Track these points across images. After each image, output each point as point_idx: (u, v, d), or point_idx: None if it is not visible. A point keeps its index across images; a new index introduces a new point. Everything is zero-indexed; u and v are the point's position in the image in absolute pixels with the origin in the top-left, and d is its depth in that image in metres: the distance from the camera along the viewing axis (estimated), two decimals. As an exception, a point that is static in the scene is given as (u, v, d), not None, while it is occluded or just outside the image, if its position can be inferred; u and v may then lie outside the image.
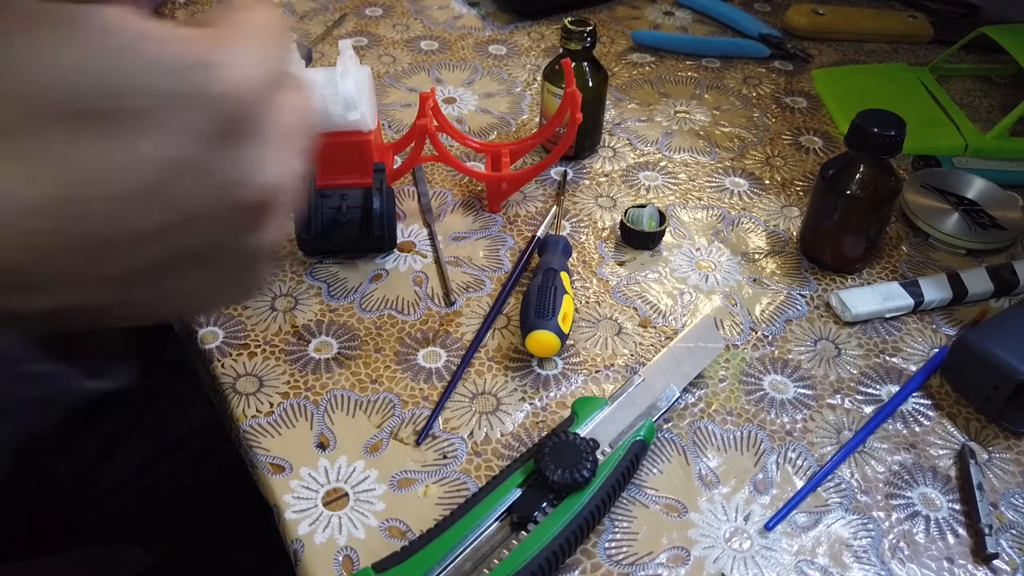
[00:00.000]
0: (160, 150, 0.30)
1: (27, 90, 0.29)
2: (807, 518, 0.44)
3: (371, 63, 0.78)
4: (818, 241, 0.58)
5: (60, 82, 0.29)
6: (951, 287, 0.56)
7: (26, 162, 0.30)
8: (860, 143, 0.53)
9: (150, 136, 0.30)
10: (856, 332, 0.54)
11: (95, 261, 0.32)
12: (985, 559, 0.42)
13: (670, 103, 0.75)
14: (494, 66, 0.79)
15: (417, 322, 0.53)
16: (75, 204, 0.30)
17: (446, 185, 0.64)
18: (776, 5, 0.91)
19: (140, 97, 0.30)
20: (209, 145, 0.31)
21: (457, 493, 0.44)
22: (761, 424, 0.48)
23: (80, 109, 0.30)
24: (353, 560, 0.41)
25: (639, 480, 0.45)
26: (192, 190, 0.31)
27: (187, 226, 0.32)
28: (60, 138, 0.29)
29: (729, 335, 0.54)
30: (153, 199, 0.31)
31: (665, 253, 0.59)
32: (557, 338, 0.49)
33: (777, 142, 0.71)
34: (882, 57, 0.83)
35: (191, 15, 0.83)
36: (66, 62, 0.29)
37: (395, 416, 0.48)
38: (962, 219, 0.60)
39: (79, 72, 0.29)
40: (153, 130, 0.30)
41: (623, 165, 0.67)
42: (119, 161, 0.30)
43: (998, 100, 0.77)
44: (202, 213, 0.32)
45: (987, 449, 0.48)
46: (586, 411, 0.45)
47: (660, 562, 0.42)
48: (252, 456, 0.46)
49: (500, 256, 0.58)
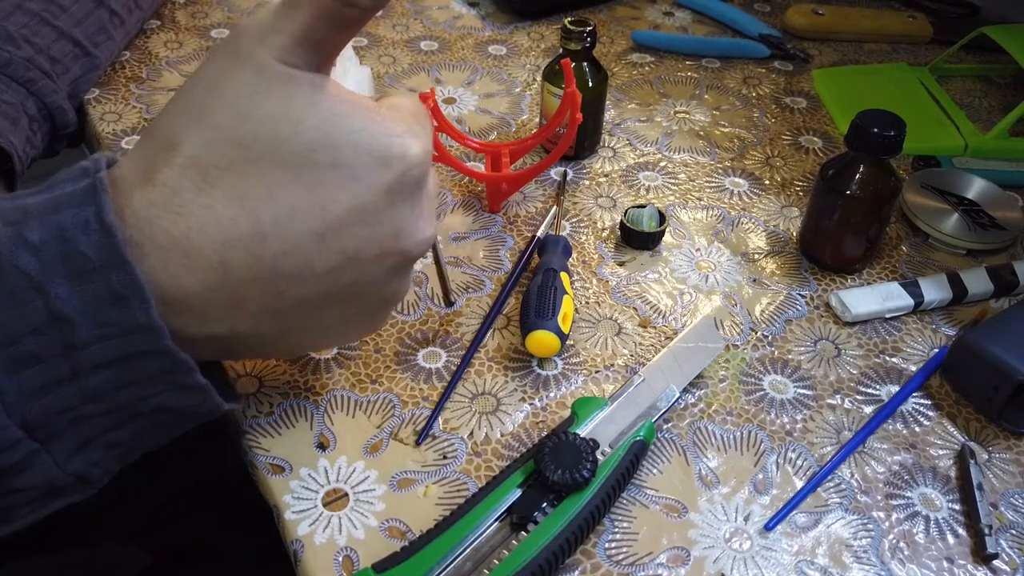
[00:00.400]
0: (348, 199, 0.35)
1: (243, 136, 0.34)
2: (807, 518, 0.44)
3: (371, 63, 0.78)
4: (818, 241, 0.58)
5: (274, 133, 0.34)
6: (951, 287, 0.56)
7: (231, 201, 0.34)
8: (860, 143, 0.53)
9: (343, 186, 0.35)
10: (856, 332, 0.54)
11: (272, 292, 0.36)
12: (985, 559, 0.42)
13: (670, 103, 0.75)
14: (494, 66, 0.79)
15: (417, 322, 0.53)
16: (266, 241, 0.34)
17: (446, 185, 0.64)
18: (776, 5, 0.91)
19: (343, 153, 0.35)
20: (390, 199, 0.36)
21: (457, 493, 0.44)
22: (761, 424, 0.48)
23: (285, 158, 0.34)
24: (353, 560, 0.41)
25: (639, 480, 0.45)
26: (364, 236, 0.36)
27: (353, 266, 0.37)
28: (261, 182, 0.34)
29: (729, 335, 0.54)
30: (331, 240, 0.36)
31: (665, 253, 0.59)
32: (557, 338, 0.49)
33: (777, 142, 0.71)
34: (882, 57, 0.83)
35: (191, 15, 0.83)
36: (285, 116, 0.34)
37: (395, 416, 0.48)
38: (962, 219, 0.60)
39: (294, 126, 0.34)
40: (347, 181, 0.35)
41: (623, 165, 0.67)
42: (308, 206, 0.35)
43: (998, 100, 0.77)
44: (367, 256, 0.37)
45: (987, 449, 0.48)
46: (586, 411, 0.45)
47: (660, 562, 0.42)
48: (252, 456, 0.46)
49: (500, 256, 0.58)
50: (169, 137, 0.34)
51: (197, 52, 0.78)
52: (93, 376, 0.32)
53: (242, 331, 0.36)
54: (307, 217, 0.35)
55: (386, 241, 0.37)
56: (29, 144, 0.61)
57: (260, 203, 0.34)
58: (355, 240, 0.36)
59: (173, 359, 0.33)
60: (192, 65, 0.76)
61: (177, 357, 0.33)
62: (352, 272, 0.37)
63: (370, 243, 0.37)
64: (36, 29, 0.63)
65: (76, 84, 0.67)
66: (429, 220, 0.40)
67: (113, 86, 0.73)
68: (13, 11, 0.63)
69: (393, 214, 0.37)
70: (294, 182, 0.34)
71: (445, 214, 0.62)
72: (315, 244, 0.35)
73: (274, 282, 0.35)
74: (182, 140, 0.34)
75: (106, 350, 0.32)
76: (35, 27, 0.63)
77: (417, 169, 0.37)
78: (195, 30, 0.81)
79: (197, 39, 0.80)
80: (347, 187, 0.35)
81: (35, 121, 0.62)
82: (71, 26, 0.66)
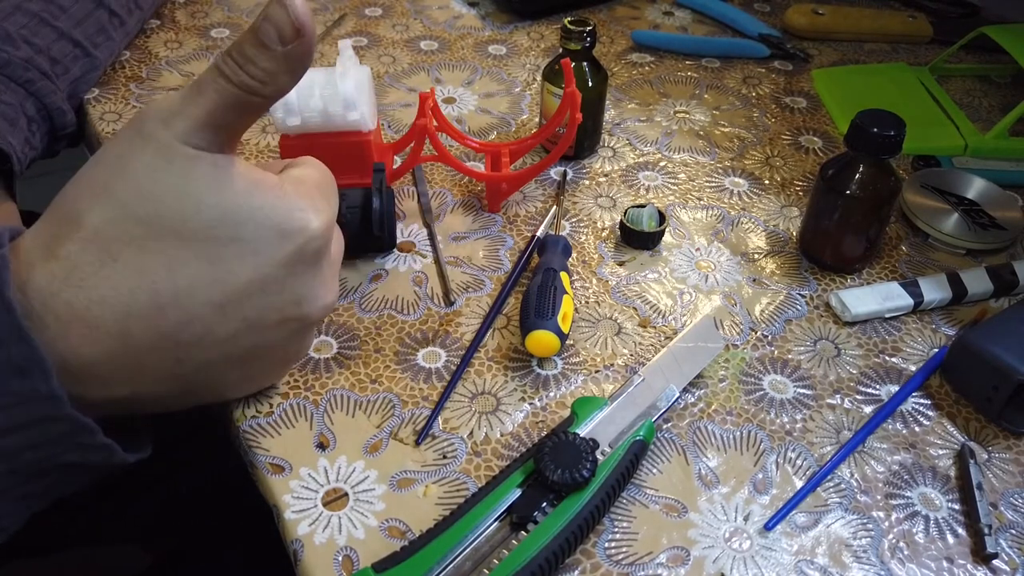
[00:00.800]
0: (249, 272, 0.37)
1: (145, 213, 0.35)
2: (807, 518, 0.44)
3: (371, 63, 0.78)
4: (818, 241, 0.58)
5: (175, 210, 0.35)
6: (951, 287, 0.56)
7: (131, 275, 0.35)
8: (860, 143, 0.53)
9: (244, 260, 0.37)
10: (856, 332, 0.54)
11: (172, 359, 0.37)
12: (985, 559, 0.42)
13: (670, 103, 0.75)
14: (494, 66, 0.79)
15: (417, 322, 0.53)
16: (165, 313, 0.36)
17: (446, 185, 0.64)
18: (776, 5, 0.91)
19: (243, 229, 0.36)
20: (290, 270, 0.38)
21: (457, 493, 0.44)
22: (761, 424, 0.48)
23: (186, 234, 0.36)
24: (353, 560, 0.41)
25: (639, 480, 0.45)
26: (265, 305, 0.38)
27: (254, 331, 0.39)
28: (161, 257, 0.35)
29: (729, 335, 0.54)
30: (231, 310, 0.37)
31: (665, 253, 0.59)
32: (557, 338, 0.49)
33: (777, 142, 0.71)
34: (882, 57, 0.83)
35: (191, 15, 0.83)
36: (186, 194, 0.35)
37: (395, 416, 0.48)
38: (962, 219, 0.60)
39: (195, 204, 0.36)
40: (247, 255, 0.37)
41: (623, 165, 0.67)
42: (208, 279, 0.36)
43: (998, 100, 0.77)
44: (268, 322, 0.39)
45: (987, 449, 0.48)
46: (586, 411, 0.45)
47: (660, 562, 0.42)
48: (252, 456, 0.46)
49: (500, 256, 0.58)
50: (73, 212, 0.35)
51: (197, 52, 0.78)
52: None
53: (144, 393, 0.38)
54: (207, 289, 0.36)
55: (287, 308, 0.39)
56: (28, 145, 0.61)
57: (160, 277, 0.35)
58: (255, 309, 0.38)
59: (75, 423, 0.34)
60: (192, 65, 0.76)
61: (79, 422, 0.34)
62: (253, 337, 0.39)
63: (271, 311, 0.39)
64: (36, 30, 0.63)
65: (76, 85, 0.67)
66: (330, 286, 0.42)
67: (113, 86, 0.73)
68: (13, 12, 0.63)
69: (293, 283, 0.39)
70: (195, 257, 0.36)
71: (445, 214, 0.62)
72: (215, 314, 0.37)
73: (174, 351, 0.37)
74: (85, 215, 0.35)
75: (7, 418, 0.33)
76: (35, 27, 0.63)
77: (317, 241, 0.39)
78: (195, 30, 0.81)
79: (197, 39, 0.80)
80: (247, 260, 0.37)
81: (34, 122, 0.62)
82: (71, 27, 0.66)
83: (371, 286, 0.56)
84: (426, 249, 0.59)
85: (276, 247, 0.37)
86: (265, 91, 0.36)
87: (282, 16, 0.35)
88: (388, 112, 0.72)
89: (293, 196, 0.38)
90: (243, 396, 0.47)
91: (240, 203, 0.36)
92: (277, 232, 0.37)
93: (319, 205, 0.39)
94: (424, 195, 0.63)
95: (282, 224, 0.38)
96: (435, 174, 0.65)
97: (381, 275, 0.56)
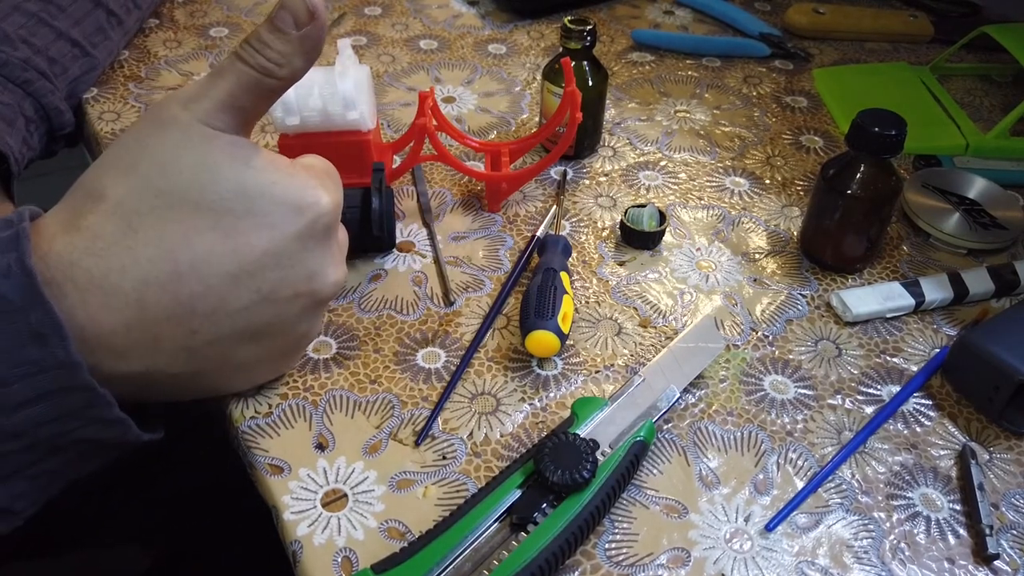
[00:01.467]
0: (263, 244, 0.38)
1: (165, 185, 0.37)
2: (808, 519, 0.44)
3: (370, 62, 0.78)
4: (819, 241, 0.58)
5: (193, 183, 0.37)
6: (952, 287, 0.56)
7: (150, 244, 0.36)
8: (861, 142, 0.53)
9: (259, 232, 0.38)
10: (857, 332, 0.54)
11: (187, 331, 0.38)
12: (986, 560, 0.42)
13: (670, 102, 0.75)
14: (493, 65, 0.79)
15: (416, 322, 0.53)
16: (182, 281, 0.37)
17: (445, 185, 0.64)
18: (776, 4, 0.90)
19: (258, 202, 0.38)
20: (302, 244, 0.39)
21: (456, 494, 0.44)
22: (761, 424, 0.48)
23: (204, 206, 0.37)
24: (352, 561, 0.41)
25: (639, 481, 0.45)
26: (278, 278, 0.39)
27: (267, 305, 0.40)
28: (180, 227, 0.36)
29: (729, 335, 0.53)
30: (246, 281, 0.38)
31: (665, 253, 0.59)
32: (557, 338, 0.49)
33: (777, 142, 0.71)
34: (883, 56, 0.83)
35: (189, 14, 0.83)
36: (205, 168, 0.37)
37: (394, 417, 0.48)
38: (963, 219, 0.60)
39: (213, 177, 0.37)
40: (262, 228, 0.38)
41: (623, 165, 0.67)
42: (224, 250, 0.37)
43: (999, 99, 0.77)
44: (281, 296, 0.40)
45: (988, 449, 0.48)
46: (586, 411, 0.45)
47: (660, 563, 0.42)
48: (251, 457, 0.45)
49: (500, 256, 0.58)
50: (97, 188, 0.37)
51: (196, 51, 0.78)
52: (14, 414, 0.34)
53: (158, 369, 0.38)
54: (223, 260, 0.37)
55: (299, 283, 0.40)
56: (26, 145, 0.60)
57: (178, 246, 0.37)
58: (269, 282, 0.39)
59: (92, 394, 0.35)
60: (191, 64, 0.76)
61: (96, 392, 0.35)
62: (266, 312, 0.40)
63: (283, 284, 0.40)
64: (34, 29, 0.63)
65: (74, 85, 0.67)
66: (339, 265, 0.43)
67: (111, 85, 0.72)
68: (11, 12, 0.63)
69: (305, 258, 0.40)
70: (212, 228, 0.37)
71: (445, 214, 0.62)
72: (230, 285, 0.38)
73: (189, 320, 0.38)
74: (109, 189, 0.37)
75: (27, 388, 0.33)
76: (33, 27, 0.63)
77: (327, 217, 0.41)
78: (194, 29, 0.81)
79: (196, 38, 0.80)
80: (262, 233, 0.38)
81: (32, 122, 0.62)
82: (69, 26, 0.66)
83: (370, 286, 0.55)
84: (426, 249, 0.58)
85: (289, 221, 0.39)
86: (281, 72, 0.39)
87: (297, 2, 0.38)
88: (387, 111, 0.72)
89: (304, 175, 0.40)
90: (249, 387, 0.47)
91: (257, 178, 0.38)
92: (291, 207, 0.39)
93: (328, 185, 0.42)
94: (424, 195, 0.63)
95: (295, 200, 0.39)
96: (435, 174, 0.65)
97: (380, 275, 0.56)
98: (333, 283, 0.42)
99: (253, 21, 0.83)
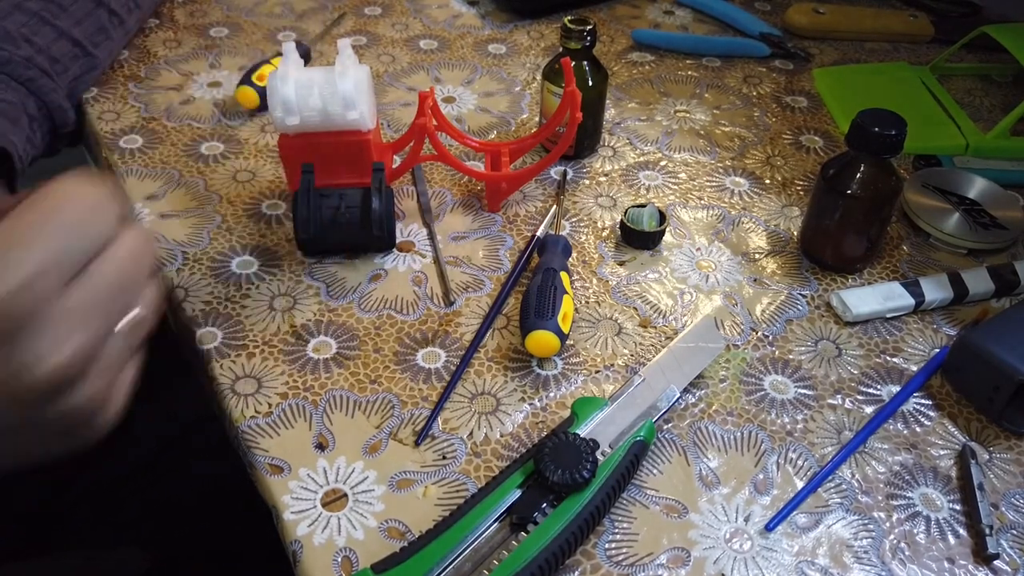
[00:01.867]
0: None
1: None
2: (808, 519, 0.44)
3: (370, 62, 0.78)
4: (819, 241, 0.58)
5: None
6: (952, 287, 0.56)
7: None
8: (861, 142, 0.53)
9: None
10: (857, 332, 0.54)
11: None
12: (986, 559, 0.42)
13: (670, 102, 0.75)
14: (493, 65, 0.79)
15: (416, 322, 0.53)
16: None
17: (445, 185, 0.64)
18: (776, 4, 0.90)
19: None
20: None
21: (456, 494, 0.44)
22: (761, 424, 0.48)
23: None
24: (352, 561, 0.41)
25: (639, 481, 0.45)
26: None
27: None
28: None
29: (729, 335, 0.53)
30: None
31: (665, 253, 0.59)
32: (557, 338, 0.49)
33: (777, 141, 0.71)
34: (883, 56, 0.83)
35: (190, 14, 0.83)
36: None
37: (394, 416, 0.48)
38: (963, 219, 0.60)
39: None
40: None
41: (623, 164, 0.67)
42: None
43: (999, 99, 0.77)
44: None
45: (988, 449, 0.48)
46: (586, 411, 0.45)
47: (660, 563, 0.42)
48: (251, 457, 0.45)
49: (500, 256, 0.58)
50: None
51: (196, 51, 0.78)
52: None
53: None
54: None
55: (8, 382, 0.30)
56: (29, 143, 0.60)
57: None
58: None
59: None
60: (191, 64, 0.76)
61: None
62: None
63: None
64: (36, 28, 0.63)
65: (75, 83, 0.67)
66: (64, 340, 0.30)
67: (112, 85, 0.72)
68: (12, 11, 0.63)
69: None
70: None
71: (445, 214, 0.62)
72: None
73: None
74: None
75: None
76: (35, 26, 0.63)
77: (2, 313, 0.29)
78: (194, 29, 0.81)
79: (196, 38, 0.80)
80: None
81: (35, 120, 0.62)
82: (70, 26, 0.66)
83: (370, 286, 0.55)
84: (426, 249, 0.58)
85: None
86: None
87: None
88: (387, 111, 0.72)
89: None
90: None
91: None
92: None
93: (14, 261, 0.28)
94: (424, 195, 0.63)
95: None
96: (435, 174, 0.65)
97: (380, 275, 0.56)
98: (58, 362, 0.30)
99: (253, 21, 0.83)
